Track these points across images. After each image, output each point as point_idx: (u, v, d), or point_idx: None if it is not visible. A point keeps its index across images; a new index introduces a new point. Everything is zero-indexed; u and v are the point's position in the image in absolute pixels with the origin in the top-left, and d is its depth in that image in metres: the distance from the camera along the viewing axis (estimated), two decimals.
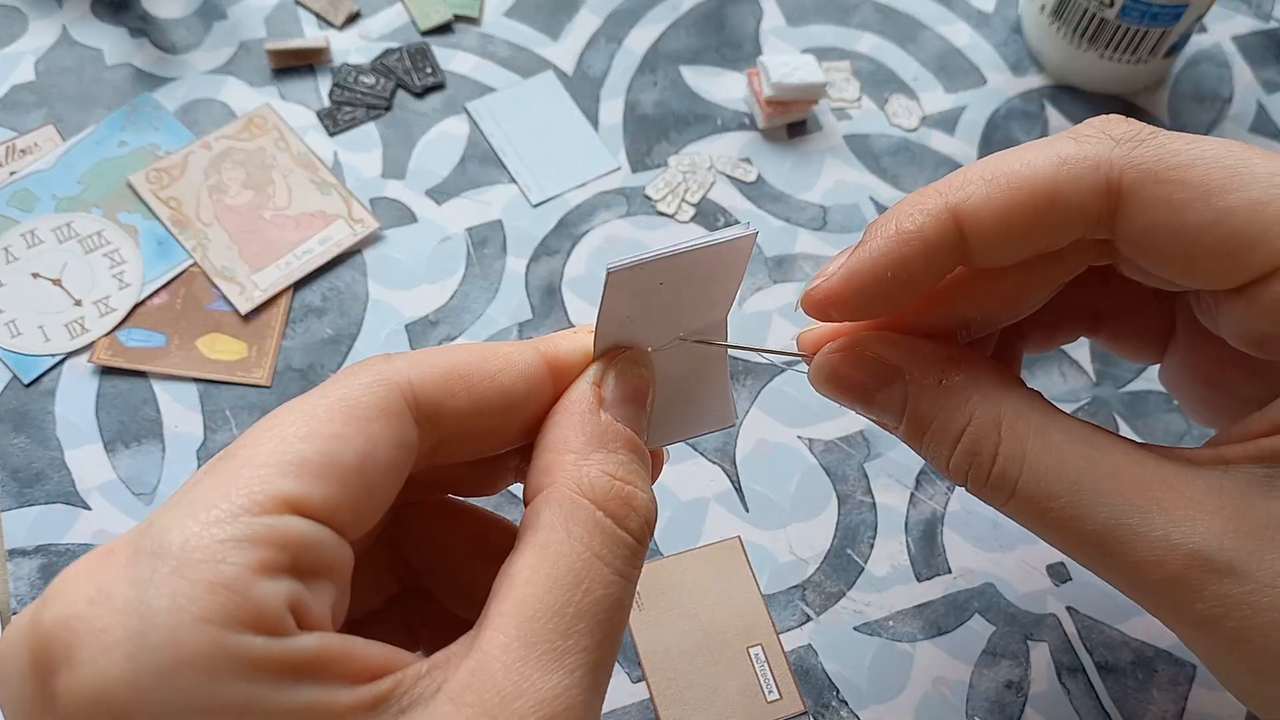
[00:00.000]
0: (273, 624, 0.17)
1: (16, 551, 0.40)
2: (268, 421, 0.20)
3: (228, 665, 0.17)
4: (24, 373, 0.43)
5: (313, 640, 0.18)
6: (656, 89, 0.52)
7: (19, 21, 0.51)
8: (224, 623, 0.17)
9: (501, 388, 0.22)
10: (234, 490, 0.18)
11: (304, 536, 0.18)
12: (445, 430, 0.21)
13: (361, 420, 0.20)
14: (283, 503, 0.18)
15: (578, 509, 0.20)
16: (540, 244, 0.47)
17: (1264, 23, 0.56)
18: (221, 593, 0.17)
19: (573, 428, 0.22)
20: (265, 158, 0.48)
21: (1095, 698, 0.39)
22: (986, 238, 0.22)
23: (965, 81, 0.53)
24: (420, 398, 0.21)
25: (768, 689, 0.38)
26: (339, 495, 0.19)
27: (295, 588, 0.18)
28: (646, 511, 0.21)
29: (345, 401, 0.20)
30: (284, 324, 0.45)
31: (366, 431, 0.20)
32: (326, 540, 0.19)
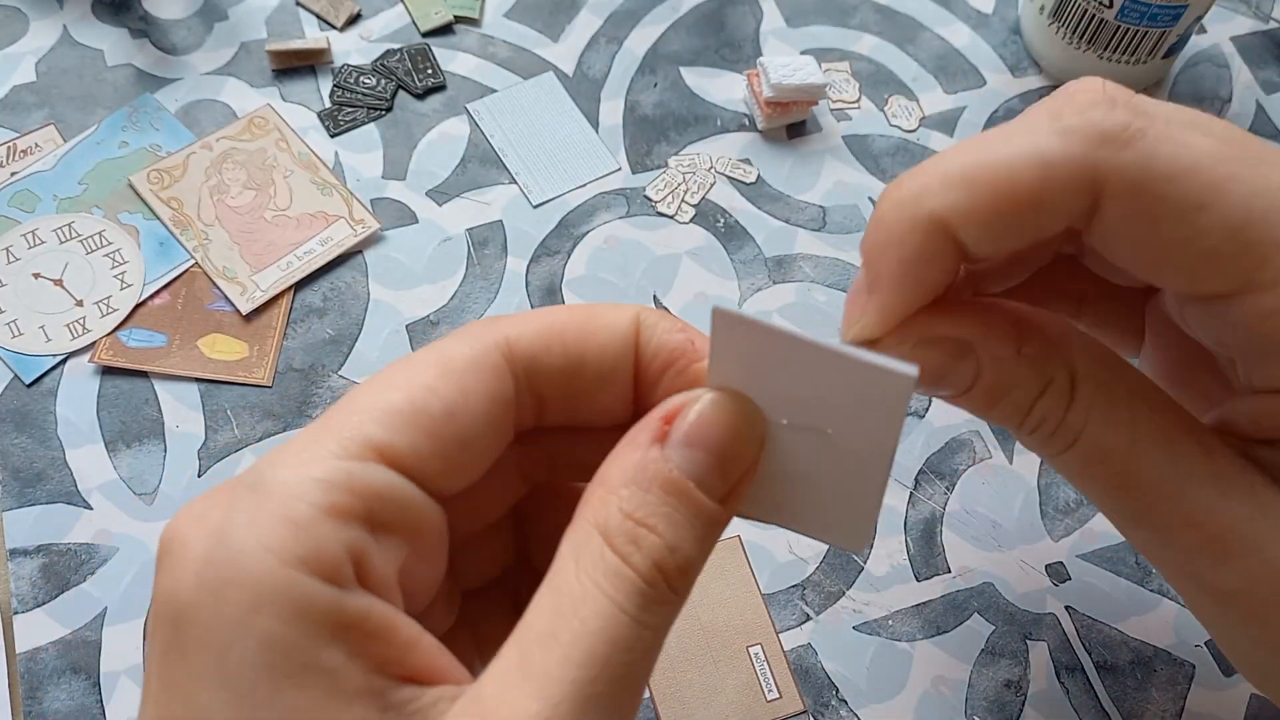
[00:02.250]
0: (329, 569, 0.18)
1: (17, 551, 0.40)
2: (373, 376, 0.21)
3: (274, 598, 0.18)
4: (25, 373, 0.43)
5: (362, 603, 0.18)
6: (656, 90, 0.52)
7: (20, 22, 0.52)
8: (284, 556, 0.18)
9: (598, 345, 0.22)
10: (328, 435, 0.19)
11: (381, 487, 0.19)
12: (544, 386, 0.21)
13: (455, 373, 0.20)
14: (369, 448, 0.19)
15: (588, 541, 0.20)
16: (540, 244, 0.47)
17: (1263, 23, 0.56)
18: (288, 527, 0.18)
19: (615, 461, 0.21)
20: (266, 158, 0.48)
21: (1094, 697, 0.39)
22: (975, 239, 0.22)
23: (964, 82, 0.53)
24: (517, 352, 0.21)
25: (767, 688, 0.38)
26: (427, 445, 0.19)
27: (362, 538, 0.19)
28: (659, 557, 0.20)
29: (440, 355, 0.21)
30: (285, 324, 0.45)
31: (460, 384, 0.20)
32: (406, 494, 0.19)
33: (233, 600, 0.18)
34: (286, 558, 0.18)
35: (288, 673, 0.18)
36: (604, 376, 0.22)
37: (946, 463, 0.43)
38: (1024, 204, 0.21)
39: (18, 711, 0.37)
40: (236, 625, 0.18)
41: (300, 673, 0.18)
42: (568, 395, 0.22)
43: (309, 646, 0.18)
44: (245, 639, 0.18)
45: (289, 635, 0.18)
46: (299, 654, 0.18)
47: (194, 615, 0.18)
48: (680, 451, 0.20)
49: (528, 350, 0.21)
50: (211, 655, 0.18)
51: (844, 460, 0.21)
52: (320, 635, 0.18)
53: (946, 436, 0.44)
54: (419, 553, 0.20)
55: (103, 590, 0.39)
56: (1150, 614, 0.41)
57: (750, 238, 0.48)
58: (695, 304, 0.46)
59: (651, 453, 0.20)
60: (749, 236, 0.48)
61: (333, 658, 0.18)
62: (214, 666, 0.18)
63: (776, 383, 0.21)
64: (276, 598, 0.18)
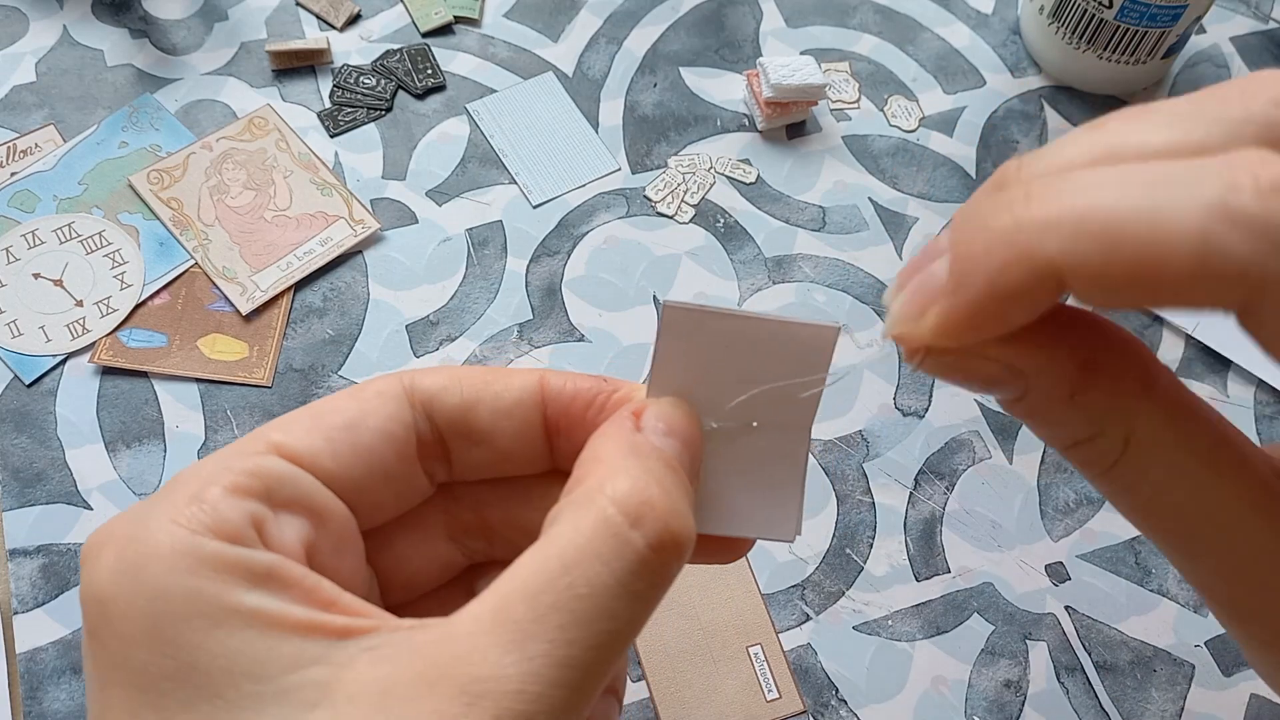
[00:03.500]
0: (232, 533, 0.20)
1: (17, 551, 0.40)
2: None
3: (186, 560, 0.19)
4: (25, 373, 0.43)
5: (271, 557, 0.20)
6: (656, 90, 0.52)
7: (20, 22, 0.52)
8: (189, 525, 0.19)
9: (494, 392, 0.24)
10: (245, 440, 0.22)
11: (277, 469, 0.21)
12: (443, 425, 0.23)
13: (359, 397, 0.23)
14: (270, 445, 0.21)
15: (591, 503, 0.20)
16: (540, 244, 0.47)
17: (1262, 24, 0.56)
18: (194, 503, 0.20)
19: (604, 442, 0.21)
20: (266, 158, 0.48)
21: (1094, 697, 0.39)
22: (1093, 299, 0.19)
23: (964, 82, 0.53)
24: (418, 387, 0.23)
25: (767, 688, 0.38)
26: (322, 445, 0.22)
27: (260, 509, 0.20)
28: (672, 520, 0.20)
29: (352, 388, 0.23)
30: (285, 324, 0.45)
31: (359, 405, 0.23)
32: (300, 478, 0.21)
33: (150, 571, 0.19)
34: (194, 526, 0.19)
35: (215, 619, 0.19)
36: (501, 415, 0.24)
37: (946, 463, 0.43)
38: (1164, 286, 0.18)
39: (18, 711, 0.37)
40: (159, 587, 0.19)
41: (228, 616, 0.19)
42: (467, 433, 0.24)
43: (228, 592, 0.19)
44: (168, 597, 0.19)
45: (206, 586, 0.19)
46: (224, 600, 0.19)
47: (116, 595, 0.19)
48: (660, 439, 0.22)
49: (427, 389, 0.23)
50: (140, 622, 0.19)
51: (768, 451, 0.23)
52: (239, 583, 0.19)
53: (946, 436, 0.44)
54: (329, 542, 0.22)
55: None
56: (1150, 614, 0.41)
57: (750, 238, 0.48)
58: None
59: (638, 435, 0.21)
60: (749, 236, 0.48)
61: (258, 599, 0.19)
62: (145, 631, 0.19)
63: (713, 374, 0.22)
64: (187, 558, 0.19)
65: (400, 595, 0.25)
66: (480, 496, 0.25)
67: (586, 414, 0.24)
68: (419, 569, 0.25)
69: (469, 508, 0.25)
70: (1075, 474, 0.43)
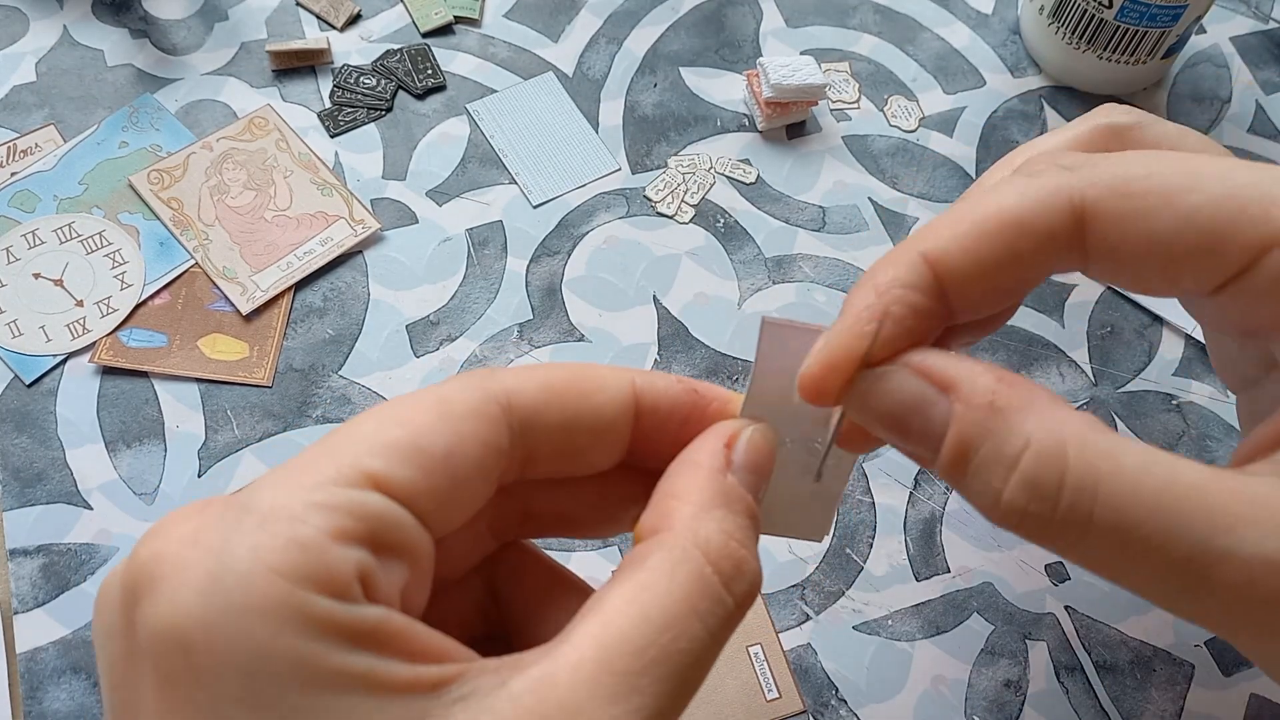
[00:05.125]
0: (340, 588, 0.18)
1: (18, 551, 0.40)
2: (370, 410, 0.21)
3: (291, 618, 0.17)
4: (25, 373, 0.43)
5: (377, 612, 0.18)
6: (656, 90, 0.52)
7: (20, 22, 0.52)
8: (294, 578, 0.18)
9: (594, 407, 0.22)
10: (325, 462, 0.19)
11: (382, 512, 0.19)
12: (538, 442, 0.22)
13: (454, 418, 0.21)
14: (367, 478, 0.19)
15: (687, 559, 0.20)
16: (540, 244, 0.47)
17: (1263, 23, 0.56)
18: (296, 549, 0.18)
19: (698, 481, 0.21)
20: (266, 158, 0.48)
21: (1094, 697, 0.39)
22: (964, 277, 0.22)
23: (964, 83, 0.53)
24: (515, 407, 0.22)
25: (767, 688, 0.38)
26: (422, 481, 0.20)
27: (367, 558, 0.19)
28: (754, 579, 0.21)
29: (441, 399, 0.21)
30: (285, 324, 0.45)
31: (457, 428, 0.21)
32: (404, 520, 0.20)
33: (249, 624, 0.17)
34: (297, 580, 0.18)
35: (321, 683, 0.18)
36: (599, 436, 0.23)
37: None
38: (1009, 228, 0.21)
39: (18, 711, 0.37)
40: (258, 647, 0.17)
41: (334, 680, 0.18)
42: (561, 452, 0.23)
43: (335, 655, 0.18)
44: (270, 658, 0.17)
45: (313, 649, 0.18)
46: (328, 663, 0.18)
47: (206, 640, 0.18)
48: (745, 477, 0.22)
49: (527, 406, 0.22)
50: (235, 679, 0.17)
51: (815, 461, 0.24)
52: (344, 644, 0.18)
53: None
54: (417, 580, 0.21)
55: None
56: (1149, 614, 0.41)
57: (750, 238, 0.48)
58: (695, 304, 0.46)
59: (729, 480, 0.22)
60: (749, 237, 0.48)
61: (363, 660, 0.18)
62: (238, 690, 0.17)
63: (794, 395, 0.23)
64: (294, 618, 0.18)
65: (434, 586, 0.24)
66: (532, 491, 0.24)
67: (676, 427, 0.23)
68: (459, 563, 0.25)
69: (518, 501, 0.25)
70: None
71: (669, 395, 0.23)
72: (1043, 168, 0.22)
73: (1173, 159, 0.21)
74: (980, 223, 0.22)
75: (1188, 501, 0.20)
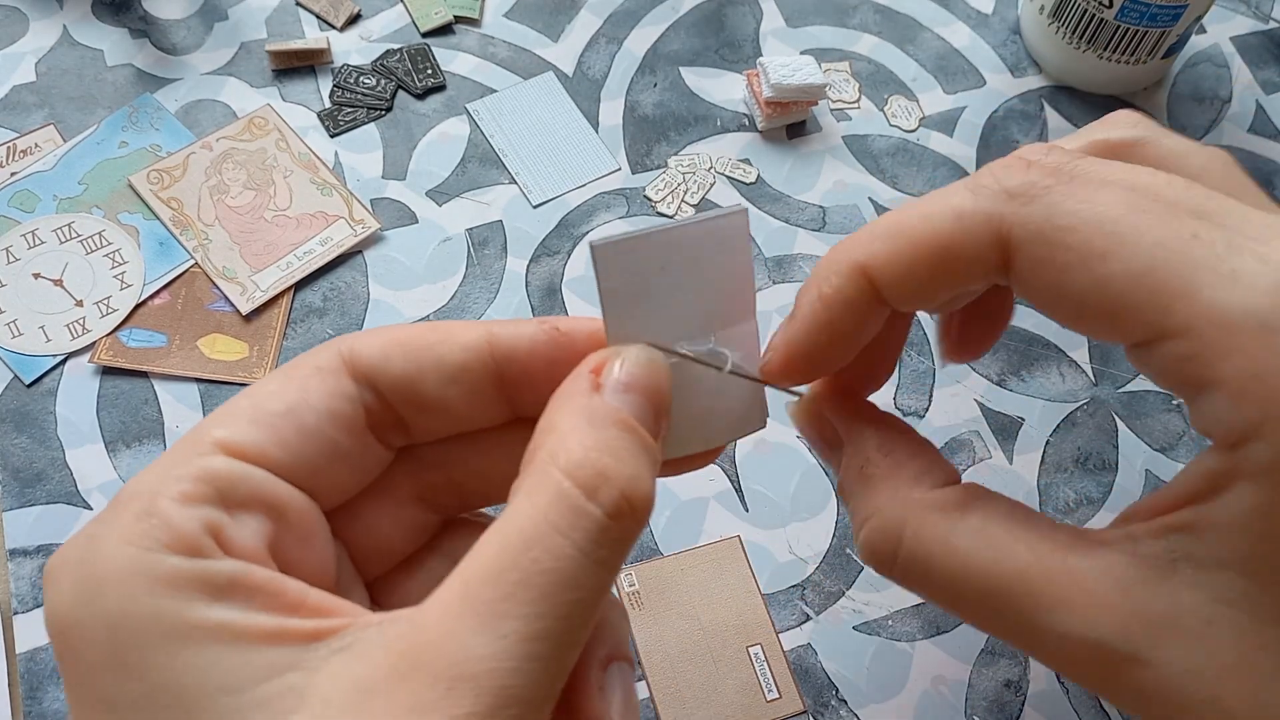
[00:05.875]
0: (189, 545, 0.19)
1: (17, 551, 0.40)
2: None
3: (143, 580, 0.18)
4: (25, 373, 0.43)
5: (232, 565, 0.19)
6: (656, 90, 0.52)
7: (20, 22, 0.52)
8: (141, 543, 0.19)
9: (437, 355, 0.23)
10: (184, 442, 0.21)
11: (227, 470, 0.20)
12: (391, 391, 0.23)
13: (297, 377, 0.22)
14: (213, 445, 0.21)
15: (545, 478, 0.20)
16: (540, 244, 0.47)
17: (1263, 23, 0.56)
18: (144, 518, 0.19)
19: (560, 409, 0.21)
20: (266, 158, 0.48)
21: (1094, 697, 0.39)
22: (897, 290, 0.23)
23: (964, 82, 0.53)
24: (358, 358, 0.23)
25: (767, 688, 0.38)
26: (267, 436, 0.21)
27: (216, 515, 0.20)
28: (628, 487, 0.20)
29: (287, 365, 0.23)
30: (285, 324, 0.45)
31: (299, 384, 0.22)
32: (252, 475, 0.21)
33: (108, 595, 0.18)
34: (145, 544, 0.19)
35: (180, 638, 0.18)
36: (450, 383, 0.23)
37: None
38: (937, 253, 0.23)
39: (18, 711, 0.37)
40: (117, 612, 0.18)
41: (193, 633, 0.18)
42: (415, 402, 0.23)
43: (191, 608, 0.18)
44: (128, 621, 0.18)
45: (168, 605, 0.18)
46: (185, 617, 0.18)
47: (75, 622, 0.19)
48: (620, 397, 0.21)
49: (368, 358, 0.23)
50: (102, 650, 0.18)
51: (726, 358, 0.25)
52: (200, 598, 0.19)
53: (947, 436, 0.44)
54: (291, 535, 0.21)
55: None
56: None
57: (750, 238, 0.48)
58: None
59: (594, 399, 0.21)
60: None
61: (222, 612, 0.19)
62: (107, 658, 0.18)
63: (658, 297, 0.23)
64: (144, 578, 0.18)
65: (377, 565, 0.25)
66: (444, 455, 0.25)
67: (545, 368, 0.23)
68: (391, 536, 0.25)
69: (433, 467, 0.25)
70: (1075, 474, 0.43)
71: (527, 336, 0.23)
72: (987, 183, 0.23)
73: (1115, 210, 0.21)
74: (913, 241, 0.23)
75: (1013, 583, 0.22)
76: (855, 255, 0.23)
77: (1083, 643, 0.21)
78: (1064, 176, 0.22)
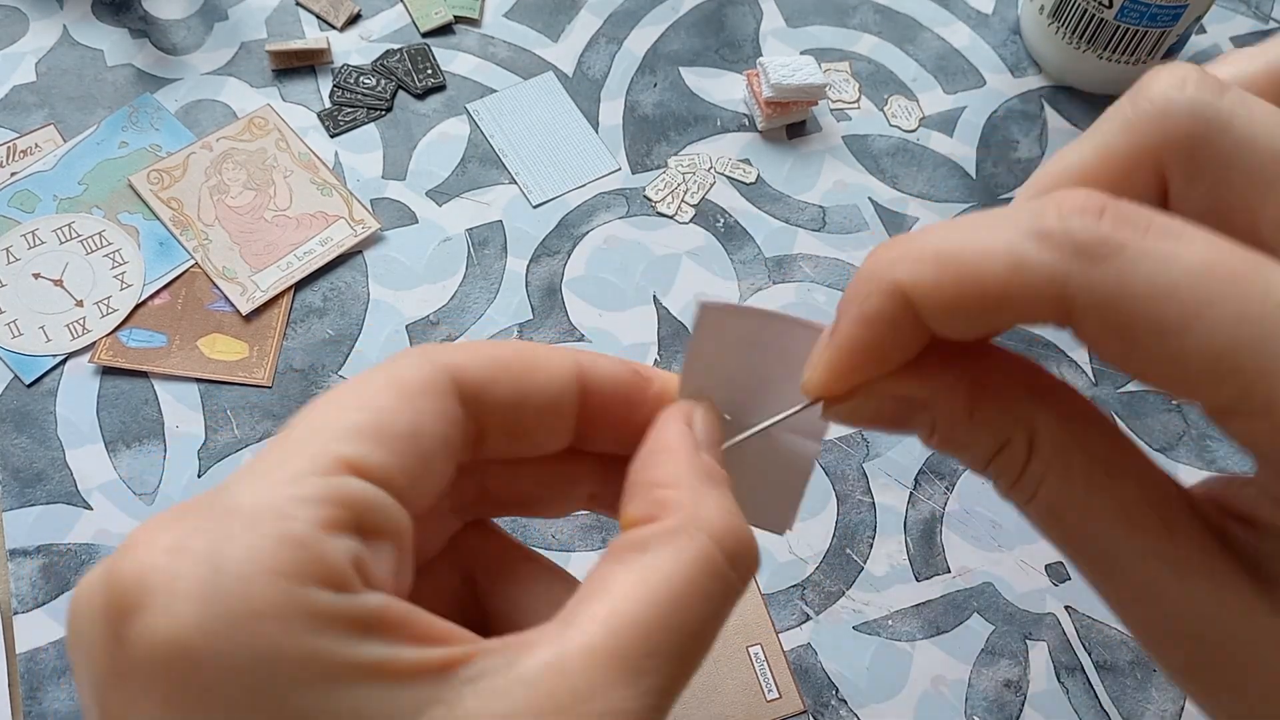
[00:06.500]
0: (339, 580, 0.18)
1: (17, 551, 0.40)
2: (324, 397, 0.21)
3: (297, 617, 0.17)
4: (25, 373, 0.43)
5: (378, 599, 0.18)
6: (656, 90, 0.52)
7: (20, 22, 0.52)
8: (294, 576, 0.18)
9: (540, 383, 0.23)
10: (297, 454, 0.19)
11: (365, 496, 0.19)
12: (487, 418, 0.22)
13: (409, 395, 0.21)
14: (342, 464, 0.19)
15: (693, 541, 0.20)
16: (540, 244, 0.47)
17: (1263, 24, 0.56)
18: (291, 547, 0.18)
19: (681, 464, 0.22)
20: (266, 158, 0.48)
21: (1094, 697, 0.39)
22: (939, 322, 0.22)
23: (964, 82, 0.53)
24: (465, 380, 0.22)
25: (767, 688, 0.38)
26: (394, 460, 0.20)
27: (359, 546, 0.19)
28: (756, 554, 0.21)
29: (394, 378, 0.21)
30: (285, 324, 0.45)
31: (414, 404, 0.21)
32: (386, 502, 0.20)
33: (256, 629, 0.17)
34: (295, 577, 0.18)
35: (334, 679, 0.17)
36: (546, 412, 0.23)
37: (946, 462, 0.43)
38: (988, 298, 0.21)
39: (18, 711, 0.37)
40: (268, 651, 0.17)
41: (346, 673, 0.18)
42: (510, 428, 0.23)
43: (344, 648, 0.18)
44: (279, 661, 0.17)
45: (322, 644, 0.17)
46: (338, 657, 0.18)
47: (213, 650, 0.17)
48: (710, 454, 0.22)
49: (476, 380, 0.22)
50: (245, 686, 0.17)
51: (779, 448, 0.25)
52: (351, 636, 0.18)
53: None
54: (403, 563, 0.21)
55: None
56: None
57: (750, 238, 0.48)
58: (696, 304, 0.46)
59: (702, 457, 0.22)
60: (749, 236, 0.48)
61: (371, 650, 0.18)
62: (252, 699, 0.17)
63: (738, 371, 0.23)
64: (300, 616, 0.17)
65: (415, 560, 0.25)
66: (488, 470, 0.25)
67: (620, 408, 0.24)
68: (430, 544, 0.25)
69: (475, 481, 0.25)
70: None
71: (613, 375, 0.24)
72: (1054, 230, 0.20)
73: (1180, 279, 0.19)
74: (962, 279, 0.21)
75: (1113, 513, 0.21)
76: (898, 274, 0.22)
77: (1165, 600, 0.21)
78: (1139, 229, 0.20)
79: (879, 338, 0.22)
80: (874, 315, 0.22)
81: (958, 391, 0.23)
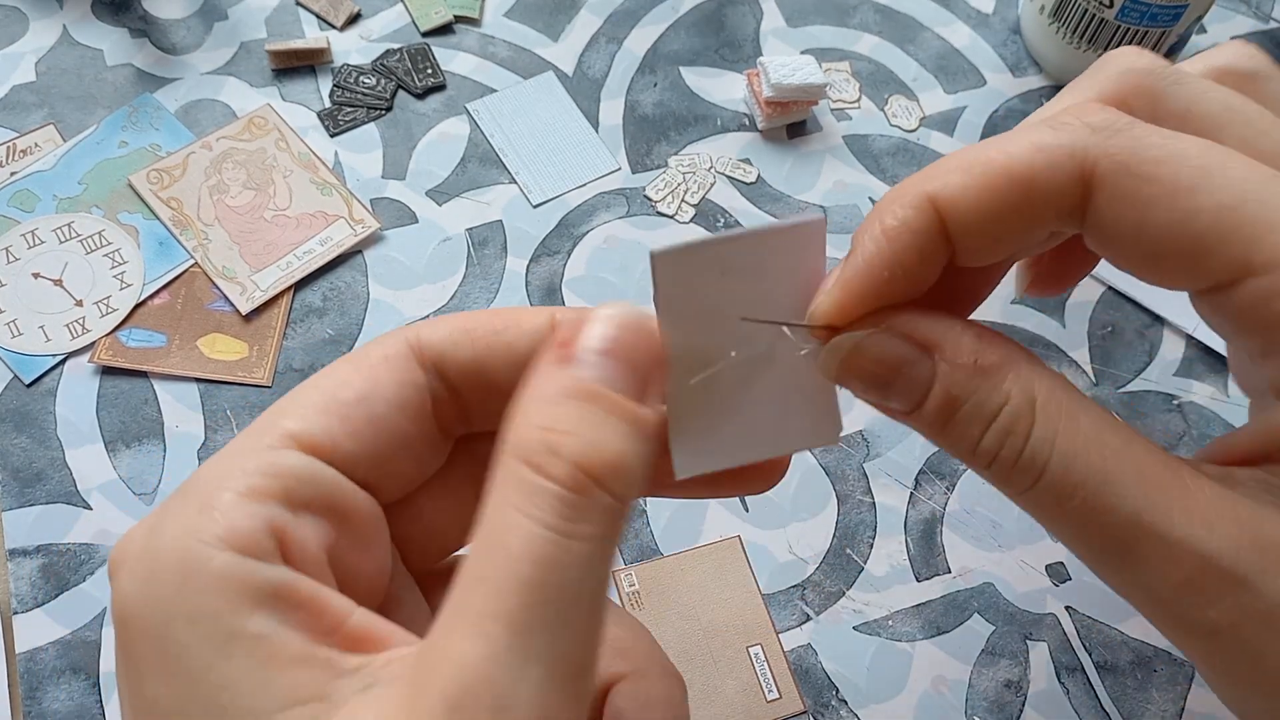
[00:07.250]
0: (246, 543, 0.18)
1: (17, 551, 0.40)
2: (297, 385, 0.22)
3: (195, 576, 0.18)
4: (25, 373, 0.43)
5: (283, 573, 0.19)
6: (656, 90, 0.52)
7: (20, 22, 0.52)
8: (200, 536, 0.18)
9: (505, 342, 0.23)
10: (250, 434, 0.20)
11: (295, 467, 0.20)
12: (457, 381, 0.22)
13: (365, 366, 0.22)
14: (285, 437, 0.20)
15: (505, 469, 0.19)
16: (540, 244, 0.47)
17: (1263, 23, 0.56)
18: (206, 511, 0.19)
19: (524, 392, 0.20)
20: (266, 158, 0.48)
21: (1094, 697, 0.39)
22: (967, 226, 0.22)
23: (964, 82, 0.53)
24: (425, 346, 0.22)
25: (767, 688, 0.38)
26: (340, 426, 0.21)
27: (279, 513, 0.19)
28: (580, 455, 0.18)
29: (354, 356, 0.22)
30: (285, 324, 0.45)
31: (369, 374, 0.22)
32: (322, 474, 0.20)
33: (164, 586, 0.18)
34: (205, 538, 0.18)
35: (217, 644, 0.18)
36: (517, 365, 0.22)
37: (946, 463, 0.43)
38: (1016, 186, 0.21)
39: (17, 711, 0.37)
40: (167, 608, 0.18)
41: (228, 641, 0.18)
42: (483, 388, 0.23)
43: (233, 615, 0.18)
44: (175, 619, 0.18)
45: (212, 605, 0.18)
46: (225, 624, 0.18)
47: (134, 612, 0.18)
48: (585, 366, 0.20)
49: (436, 346, 0.22)
50: (152, 645, 0.18)
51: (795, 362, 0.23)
52: (244, 603, 0.18)
53: None
54: (351, 539, 0.21)
55: (102, 590, 0.39)
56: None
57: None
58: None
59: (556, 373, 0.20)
60: None
61: (260, 624, 0.18)
62: (155, 655, 0.18)
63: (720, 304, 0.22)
64: (197, 573, 0.18)
65: (431, 558, 0.24)
66: None
67: None
68: (446, 529, 0.24)
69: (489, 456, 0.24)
70: None
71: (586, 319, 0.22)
72: (1068, 120, 0.22)
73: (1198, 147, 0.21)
74: (990, 173, 0.21)
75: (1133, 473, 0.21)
76: (925, 186, 0.22)
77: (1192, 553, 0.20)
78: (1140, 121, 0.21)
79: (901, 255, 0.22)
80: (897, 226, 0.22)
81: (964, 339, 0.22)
